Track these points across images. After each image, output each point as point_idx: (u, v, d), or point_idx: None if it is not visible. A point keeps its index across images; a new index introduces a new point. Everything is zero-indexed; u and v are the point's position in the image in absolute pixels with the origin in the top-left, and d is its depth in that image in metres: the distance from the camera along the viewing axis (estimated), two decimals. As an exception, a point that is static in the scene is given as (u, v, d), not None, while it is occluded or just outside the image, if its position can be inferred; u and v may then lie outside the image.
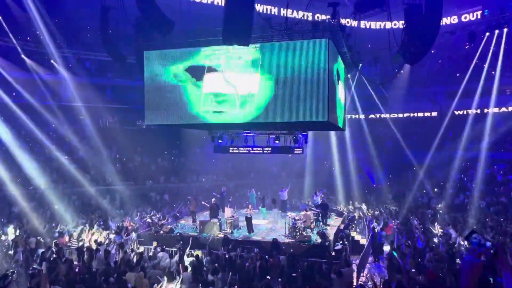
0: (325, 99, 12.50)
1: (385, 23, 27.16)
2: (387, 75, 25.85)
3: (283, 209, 18.93)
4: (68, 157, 23.33)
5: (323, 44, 12.50)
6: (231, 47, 12.94)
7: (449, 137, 27.19)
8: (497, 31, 20.54)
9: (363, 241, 16.62)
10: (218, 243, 14.31)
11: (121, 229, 15.95)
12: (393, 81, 25.98)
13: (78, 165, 22.85)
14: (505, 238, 13.34)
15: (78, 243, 14.09)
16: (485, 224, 16.11)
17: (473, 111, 25.45)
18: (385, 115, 29.73)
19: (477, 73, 24.30)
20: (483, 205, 19.59)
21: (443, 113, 28.33)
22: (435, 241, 14.75)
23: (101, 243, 13.72)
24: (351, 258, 14.38)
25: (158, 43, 14.43)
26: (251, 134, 17.50)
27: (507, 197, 20.35)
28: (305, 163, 27.20)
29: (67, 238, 14.66)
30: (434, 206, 20.61)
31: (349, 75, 20.47)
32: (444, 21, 24.52)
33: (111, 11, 15.43)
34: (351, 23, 21.85)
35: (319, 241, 14.26)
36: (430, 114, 30.20)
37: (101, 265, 11.16)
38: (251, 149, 17.63)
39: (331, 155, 27.73)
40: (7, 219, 16.94)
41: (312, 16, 26.29)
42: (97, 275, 10.14)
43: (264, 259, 11.62)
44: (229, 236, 14.73)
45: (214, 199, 17.85)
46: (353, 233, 17.00)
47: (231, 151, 17.77)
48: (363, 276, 13.10)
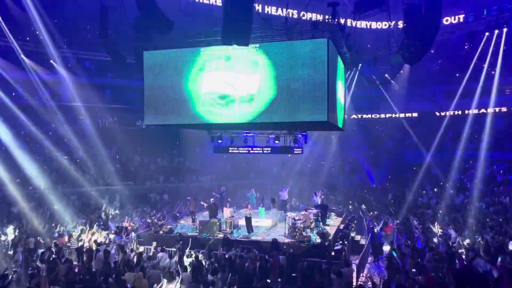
0: (324, 99, 12.49)
1: (385, 23, 27.15)
2: (386, 75, 25.93)
3: (283, 209, 18.93)
4: (68, 157, 23.35)
5: (323, 44, 12.48)
6: (230, 47, 12.91)
7: (448, 137, 27.21)
8: (496, 31, 20.55)
9: (363, 241, 16.62)
10: (218, 243, 14.30)
11: (120, 229, 15.95)
12: (392, 81, 26.02)
13: (78, 165, 22.86)
14: (505, 238, 13.33)
15: (77, 243, 14.07)
16: (484, 224, 16.10)
17: (472, 111, 25.47)
18: (385, 115, 29.74)
19: (476, 73, 24.31)
20: (482, 205, 19.58)
21: (442, 113, 28.36)
22: (434, 241, 14.75)
23: (101, 243, 13.71)
24: (351, 258, 14.38)
25: (158, 43, 14.41)
26: (251, 134, 17.49)
27: (506, 197, 20.34)
28: (305, 163, 27.20)
29: (66, 238, 14.63)
30: (434, 206, 20.60)
31: (348, 75, 20.48)
32: (444, 20, 24.43)
33: (111, 11, 15.44)
34: (350, 23, 21.85)
35: (318, 241, 14.25)
36: (430, 114, 30.20)
37: (100, 265, 11.15)
38: (250, 149, 17.63)
39: (331, 155, 27.75)
40: (6, 219, 16.92)
41: (311, 16, 26.29)
42: (96, 276, 10.13)
43: (264, 259, 11.62)
44: (229, 236, 14.72)
45: (213, 199, 17.84)
46: (352, 233, 16.99)
47: (230, 151, 17.76)
48: (362, 276, 13.11)
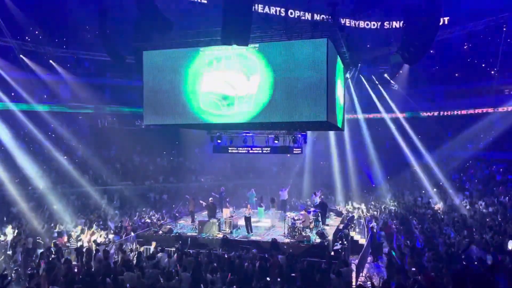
0: (324, 99, 12.49)
1: (385, 23, 27.14)
2: (386, 74, 25.95)
3: (282, 209, 18.93)
4: (67, 157, 23.33)
5: (322, 44, 12.47)
6: (230, 47, 12.91)
7: (448, 137, 27.23)
8: (495, 31, 20.60)
9: (362, 241, 16.62)
10: (217, 243, 14.30)
11: (120, 229, 15.95)
12: (392, 81, 26.03)
13: (77, 165, 22.84)
14: (504, 237, 13.34)
15: (77, 244, 14.07)
16: (484, 224, 16.11)
17: (472, 111, 25.49)
18: (384, 115, 29.72)
19: (475, 73, 24.34)
20: (482, 205, 19.60)
21: (442, 113, 28.36)
22: (434, 241, 14.76)
23: (100, 243, 13.70)
24: (350, 258, 14.39)
25: (157, 43, 14.39)
26: (250, 134, 17.49)
27: (506, 197, 20.36)
28: (304, 163, 27.20)
29: (66, 239, 14.63)
30: (433, 206, 20.63)
31: (348, 75, 20.46)
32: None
33: (110, 11, 15.43)
34: (350, 22, 21.84)
35: (318, 241, 14.26)
36: (429, 114, 30.21)
37: (100, 265, 11.14)
38: (250, 149, 17.63)
39: (330, 155, 27.74)
40: (6, 219, 16.90)
41: (311, 16, 26.28)
42: (96, 276, 10.12)
43: (263, 259, 11.61)
44: (228, 236, 14.72)
45: (212, 198, 17.86)
46: (352, 233, 16.99)
47: (230, 151, 17.76)
48: (362, 276, 13.11)
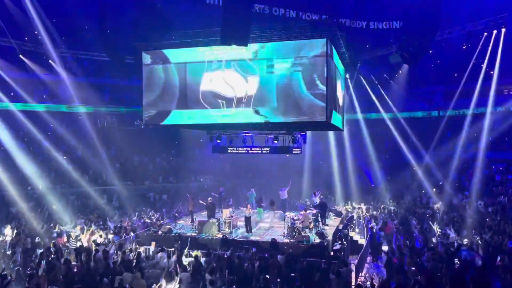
0: (323, 99, 12.52)
1: (384, 23, 27.13)
2: (385, 75, 25.95)
3: (282, 208, 18.95)
4: (67, 157, 23.30)
5: (322, 44, 12.50)
6: (229, 47, 12.91)
7: (447, 137, 27.21)
8: (495, 31, 20.56)
9: (362, 241, 16.63)
10: (217, 243, 14.30)
11: (119, 229, 15.93)
12: (391, 81, 26.03)
13: (77, 165, 22.82)
14: (504, 237, 13.36)
15: (76, 244, 14.06)
16: (483, 224, 16.12)
17: (471, 111, 25.46)
18: (384, 115, 29.70)
19: (475, 73, 24.30)
20: (481, 205, 19.61)
21: (441, 113, 28.36)
22: (433, 240, 14.77)
23: (100, 243, 13.69)
24: (350, 258, 14.40)
25: (157, 43, 14.39)
26: (250, 134, 17.48)
27: (505, 197, 20.36)
28: (304, 163, 27.18)
29: (65, 239, 14.63)
30: (433, 206, 20.63)
31: (347, 75, 20.47)
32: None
33: (110, 11, 15.40)
34: (349, 23, 21.81)
35: (317, 241, 14.26)
36: (428, 114, 30.20)
37: (100, 265, 11.13)
38: (249, 149, 17.63)
39: (330, 155, 27.73)
40: (5, 219, 16.89)
41: (311, 16, 26.25)
42: (95, 276, 10.11)
43: (263, 259, 11.61)
44: (228, 236, 14.71)
45: (211, 198, 17.85)
46: (351, 233, 17.00)
47: (229, 151, 17.76)
48: (361, 276, 13.12)
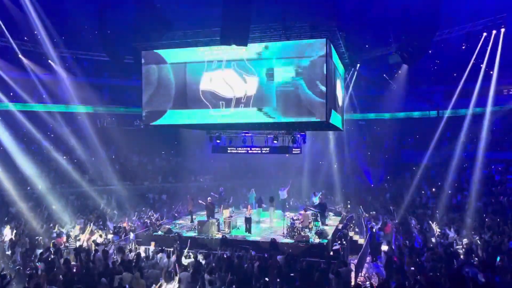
0: (323, 99, 12.52)
1: (384, 23, 27.12)
2: (384, 75, 25.95)
3: (282, 208, 18.95)
4: (66, 157, 23.29)
5: (322, 44, 12.51)
6: (229, 47, 12.92)
7: (446, 137, 27.23)
8: (494, 31, 20.58)
9: (361, 241, 16.64)
10: (216, 243, 14.30)
11: (119, 229, 15.93)
12: (390, 81, 26.04)
13: (76, 165, 22.81)
14: (503, 237, 13.37)
15: (76, 244, 14.05)
16: (482, 224, 16.13)
17: (470, 111, 25.48)
18: (383, 115, 29.74)
19: (474, 73, 24.32)
20: (480, 205, 19.62)
21: (440, 113, 28.38)
22: (432, 240, 14.78)
23: (100, 243, 13.69)
24: (350, 258, 14.41)
25: (156, 43, 14.39)
26: (249, 134, 17.49)
27: (504, 197, 20.38)
28: (303, 163, 27.20)
29: (65, 239, 14.62)
30: (432, 206, 20.64)
31: (347, 75, 20.49)
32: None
33: (109, 11, 15.38)
34: (349, 23, 21.81)
35: (317, 241, 14.27)
36: (428, 114, 30.23)
37: (99, 265, 11.13)
38: (249, 149, 17.63)
39: (329, 155, 27.75)
40: (4, 219, 16.87)
41: (310, 16, 26.25)
42: (95, 276, 10.11)
43: (262, 259, 11.61)
44: (227, 236, 14.71)
45: (210, 198, 17.85)
46: (351, 233, 17.02)
47: (229, 151, 17.77)
48: (361, 275, 13.12)
